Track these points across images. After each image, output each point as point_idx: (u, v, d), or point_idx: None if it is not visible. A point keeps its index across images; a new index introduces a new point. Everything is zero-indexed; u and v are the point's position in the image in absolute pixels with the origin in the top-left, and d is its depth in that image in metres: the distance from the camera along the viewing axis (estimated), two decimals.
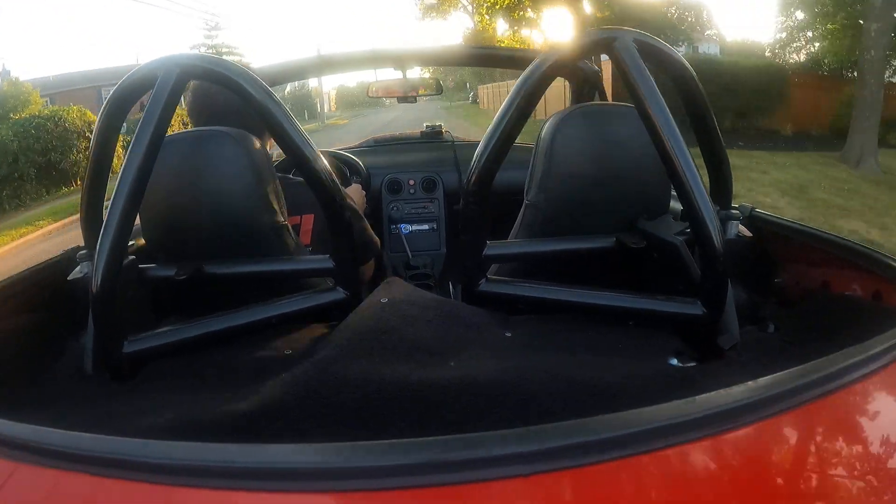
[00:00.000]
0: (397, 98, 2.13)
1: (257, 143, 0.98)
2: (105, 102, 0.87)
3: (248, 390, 0.68)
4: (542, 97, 0.88)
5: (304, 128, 0.87)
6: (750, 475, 0.47)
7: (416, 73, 2.02)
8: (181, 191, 0.95)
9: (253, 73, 0.84)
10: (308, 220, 1.18)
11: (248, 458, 0.46)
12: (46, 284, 1.01)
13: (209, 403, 0.67)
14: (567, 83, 1.91)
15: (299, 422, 0.62)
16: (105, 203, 0.89)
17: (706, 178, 0.87)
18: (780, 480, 0.47)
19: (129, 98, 0.85)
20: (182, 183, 0.95)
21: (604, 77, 1.82)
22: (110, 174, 0.90)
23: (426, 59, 2.10)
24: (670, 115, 0.78)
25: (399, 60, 1.94)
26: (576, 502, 0.44)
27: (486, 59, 2.30)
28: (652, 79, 0.79)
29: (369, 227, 1.28)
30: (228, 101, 1.07)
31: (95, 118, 0.94)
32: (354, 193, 1.57)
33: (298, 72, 1.92)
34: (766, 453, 0.49)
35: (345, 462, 0.45)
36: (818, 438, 0.52)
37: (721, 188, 0.97)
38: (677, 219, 0.92)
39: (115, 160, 0.93)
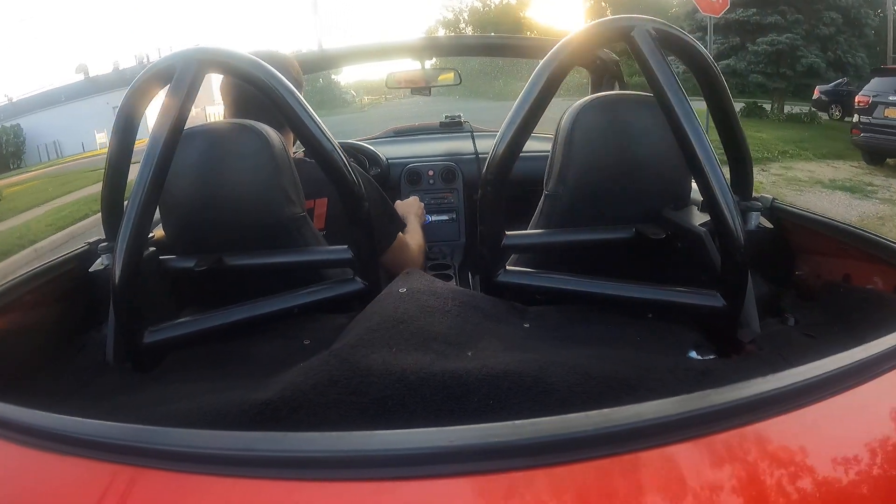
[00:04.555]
0: (411, 90, 2.14)
1: (275, 135, 0.98)
2: (124, 96, 0.87)
3: (268, 379, 0.68)
4: None
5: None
6: (770, 468, 0.46)
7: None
8: (200, 183, 0.95)
9: (269, 65, 0.84)
10: (322, 204, 1.18)
11: (269, 445, 0.46)
12: (67, 277, 1.03)
13: (229, 392, 0.68)
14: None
15: (320, 410, 0.63)
16: (125, 196, 0.90)
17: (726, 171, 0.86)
18: (800, 474, 0.46)
19: (148, 91, 0.85)
20: (201, 176, 0.95)
21: None
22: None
23: (440, 50, 2.09)
24: (690, 105, 0.77)
25: (415, 51, 1.95)
26: (596, 493, 0.43)
27: (501, 48, 2.28)
28: (671, 67, 0.78)
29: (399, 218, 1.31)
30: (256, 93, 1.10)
31: None
32: (413, 204, 1.61)
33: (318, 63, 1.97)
34: (785, 447, 0.49)
35: (366, 450, 0.45)
36: (840, 432, 0.51)
37: (741, 179, 0.96)
38: (701, 210, 0.91)
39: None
